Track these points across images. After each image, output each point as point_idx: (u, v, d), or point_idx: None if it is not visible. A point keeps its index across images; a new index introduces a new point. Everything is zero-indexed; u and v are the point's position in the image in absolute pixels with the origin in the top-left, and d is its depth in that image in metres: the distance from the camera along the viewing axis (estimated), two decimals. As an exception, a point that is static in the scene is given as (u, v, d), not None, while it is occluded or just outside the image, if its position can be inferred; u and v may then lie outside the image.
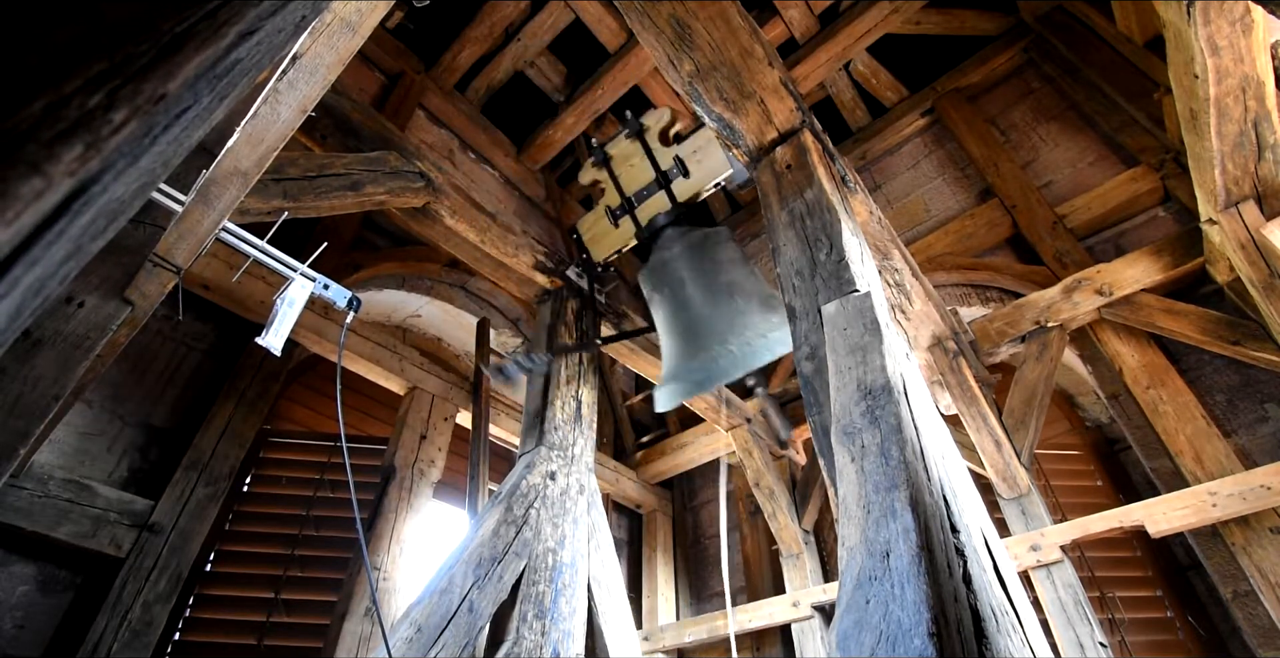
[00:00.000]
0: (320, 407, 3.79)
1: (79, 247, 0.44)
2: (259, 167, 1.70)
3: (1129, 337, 3.12)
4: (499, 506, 2.27)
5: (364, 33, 1.66)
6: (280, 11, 0.55)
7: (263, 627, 2.63)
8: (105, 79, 0.41)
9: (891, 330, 1.49)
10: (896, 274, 2.81)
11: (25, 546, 2.14)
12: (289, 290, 1.91)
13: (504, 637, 2.05)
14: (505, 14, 4.37)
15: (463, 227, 2.85)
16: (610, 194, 3.19)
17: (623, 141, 3.11)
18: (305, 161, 2.25)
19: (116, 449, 2.47)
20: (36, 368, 1.41)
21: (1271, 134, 2.37)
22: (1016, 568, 2.67)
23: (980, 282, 3.83)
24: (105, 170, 0.42)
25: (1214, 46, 2.13)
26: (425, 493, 3.31)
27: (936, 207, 4.41)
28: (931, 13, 4.59)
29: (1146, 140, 3.53)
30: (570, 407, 2.78)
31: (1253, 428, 2.76)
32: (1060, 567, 2.66)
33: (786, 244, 1.89)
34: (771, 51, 2.06)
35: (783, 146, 2.14)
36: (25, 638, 2.06)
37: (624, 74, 4.52)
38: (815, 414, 1.50)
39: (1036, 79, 4.38)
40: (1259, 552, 2.36)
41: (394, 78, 4.25)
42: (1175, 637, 2.84)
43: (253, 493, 2.96)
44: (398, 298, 4.09)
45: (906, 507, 1.02)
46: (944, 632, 0.84)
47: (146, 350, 2.68)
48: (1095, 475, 3.51)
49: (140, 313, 1.72)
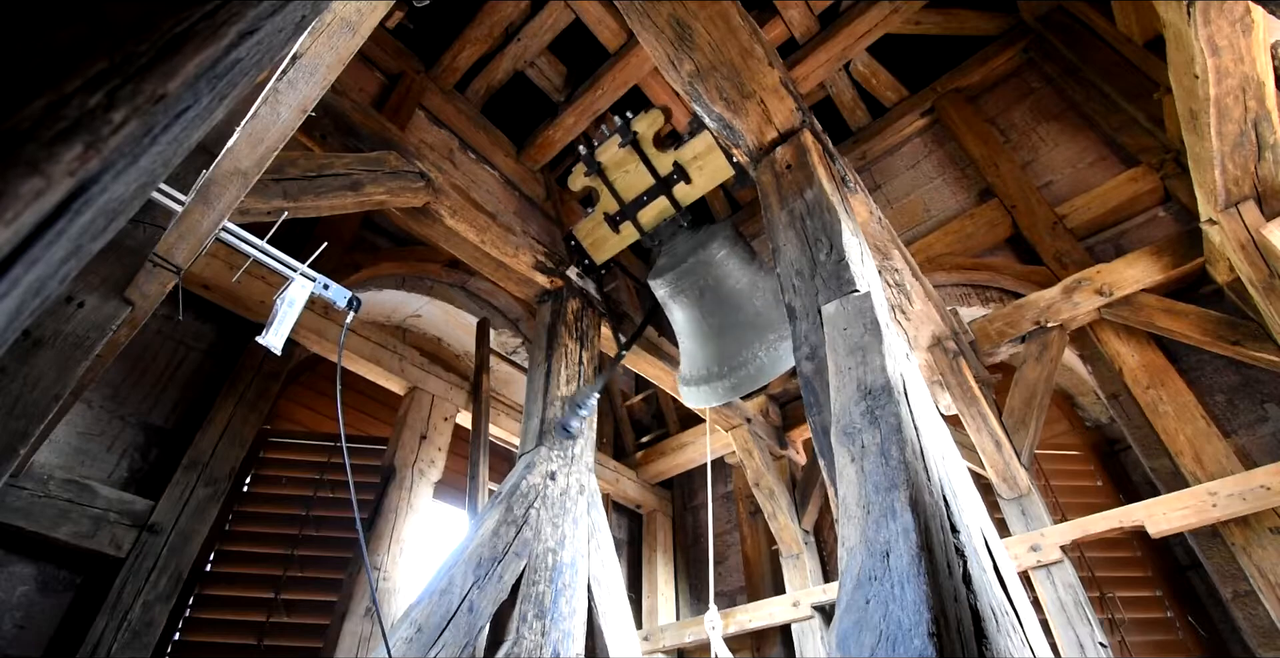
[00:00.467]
0: (320, 407, 3.79)
1: (79, 246, 0.44)
2: (259, 167, 1.70)
3: (1129, 337, 3.12)
4: (499, 506, 2.27)
5: (364, 33, 1.66)
6: (280, 11, 0.55)
7: (263, 627, 2.63)
8: (105, 79, 0.41)
9: (891, 330, 1.49)
10: (896, 274, 2.81)
11: (25, 546, 2.14)
12: (289, 290, 1.91)
13: (504, 637, 2.05)
14: (505, 14, 4.37)
15: (463, 227, 2.85)
16: (607, 200, 3.16)
17: (615, 149, 3.04)
18: (305, 162, 2.25)
19: (116, 449, 2.47)
20: (36, 368, 1.41)
21: (1271, 134, 2.37)
22: (1016, 568, 2.68)
23: (980, 282, 3.83)
24: (105, 170, 0.42)
25: (1214, 46, 2.13)
26: (425, 493, 3.31)
27: (936, 207, 4.41)
28: (931, 13, 4.59)
29: (1146, 140, 3.53)
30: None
31: (1253, 428, 2.76)
32: (1060, 567, 2.66)
33: (786, 244, 1.89)
34: (771, 51, 2.06)
35: (783, 147, 2.14)
36: (25, 638, 2.06)
37: (624, 74, 4.52)
38: (815, 414, 1.50)
39: (1036, 79, 4.38)
40: (1259, 552, 2.36)
41: (394, 78, 4.25)
42: (1175, 637, 2.84)
43: (253, 493, 2.96)
44: (398, 298, 4.09)
45: (906, 507, 1.02)
46: (944, 632, 0.84)
47: (146, 350, 2.68)
48: (1095, 475, 3.51)
49: (140, 313, 1.73)
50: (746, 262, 2.93)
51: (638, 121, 2.98)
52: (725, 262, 2.86)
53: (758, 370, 2.72)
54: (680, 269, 2.88)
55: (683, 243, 3.03)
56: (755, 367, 2.72)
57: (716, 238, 2.88)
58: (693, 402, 2.98)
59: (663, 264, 3.02)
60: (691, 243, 2.97)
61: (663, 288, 2.97)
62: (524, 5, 4.38)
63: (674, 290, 2.93)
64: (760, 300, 2.85)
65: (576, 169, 3.18)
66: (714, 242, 2.86)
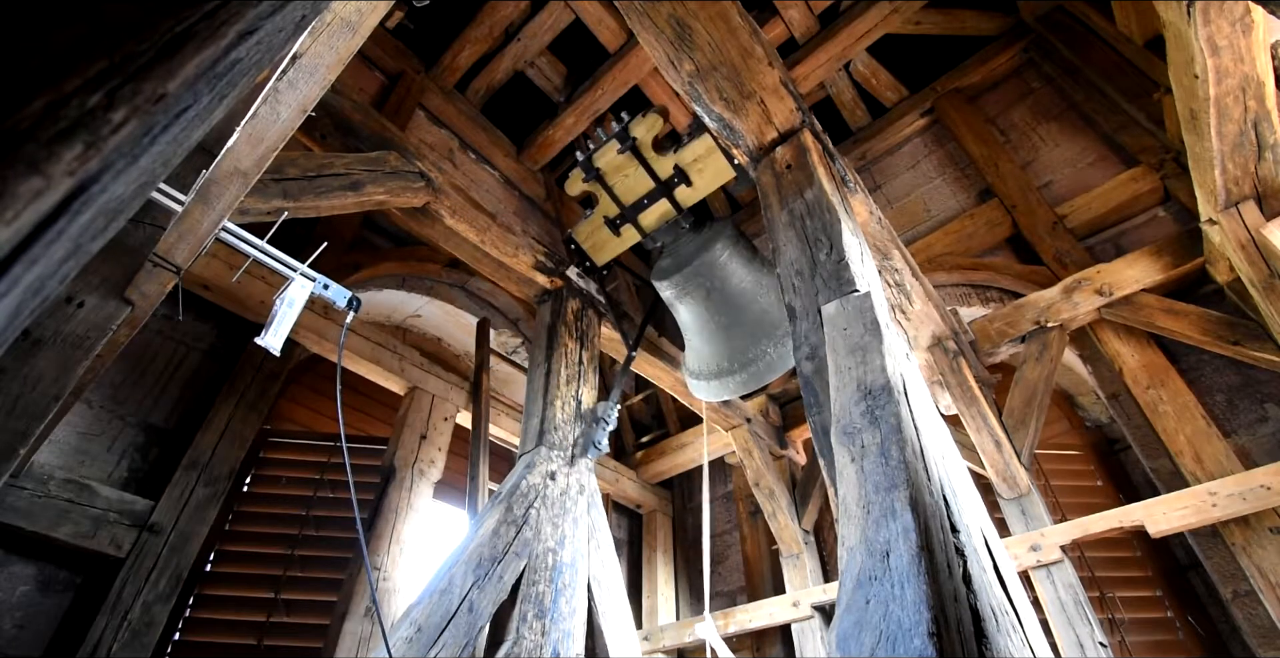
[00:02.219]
0: (320, 407, 3.79)
1: (79, 246, 0.44)
2: (259, 167, 1.70)
3: (1129, 337, 3.12)
4: (499, 506, 2.27)
5: (364, 33, 1.66)
6: (280, 11, 0.55)
7: (263, 627, 2.63)
8: (105, 78, 0.41)
9: (891, 330, 1.49)
10: (896, 274, 2.81)
11: (25, 546, 2.14)
12: (289, 290, 1.91)
13: (504, 637, 2.05)
14: (505, 14, 4.37)
15: (463, 227, 2.85)
16: (606, 203, 3.16)
17: (613, 154, 3.01)
18: (305, 161, 2.25)
19: (116, 449, 2.47)
20: (36, 368, 1.41)
21: (1271, 134, 2.37)
22: (1016, 568, 2.68)
23: (980, 282, 3.83)
24: (105, 170, 0.42)
25: (1214, 46, 2.12)
26: (425, 493, 3.31)
27: (936, 207, 4.41)
28: (931, 13, 4.59)
29: (1146, 140, 3.53)
30: (570, 407, 2.78)
31: (1253, 428, 2.75)
32: (1060, 567, 2.66)
33: (786, 244, 1.89)
34: (771, 51, 2.06)
35: (783, 147, 2.14)
36: (25, 638, 2.06)
37: (624, 74, 4.52)
38: (815, 414, 1.50)
39: (1036, 79, 4.38)
40: (1259, 552, 2.36)
41: (394, 78, 4.24)
42: (1175, 637, 2.84)
43: (253, 493, 2.96)
44: (398, 298, 4.09)
45: (906, 507, 1.02)
46: (944, 632, 0.84)
47: (146, 350, 2.68)
48: (1095, 475, 3.51)
49: (140, 313, 1.73)
50: (750, 260, 2.96)
51: (636, 126, 2.94)
52: (729, 262, 2.89)
53: (768, 366, 2.80)
54: (686, 271, 2.90)
55: (686, 244, 3.04)
56: (766, 363, 2.79)
57: (719, 239, 2.90)
58: (705, 395, 3.05)
59: (667, 265, 3.03)
60: (695, 245, 2.98)
61: (668, 289, 2.99)
62: (524, 5, 4.38)
63: (680, 292, 2.96)
64: (765, 299, 2.89)
65: (574, 174, 3.14)
66: (717, 243, 2.88)
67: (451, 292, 4.24)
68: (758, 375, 2.83)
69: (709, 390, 3.00)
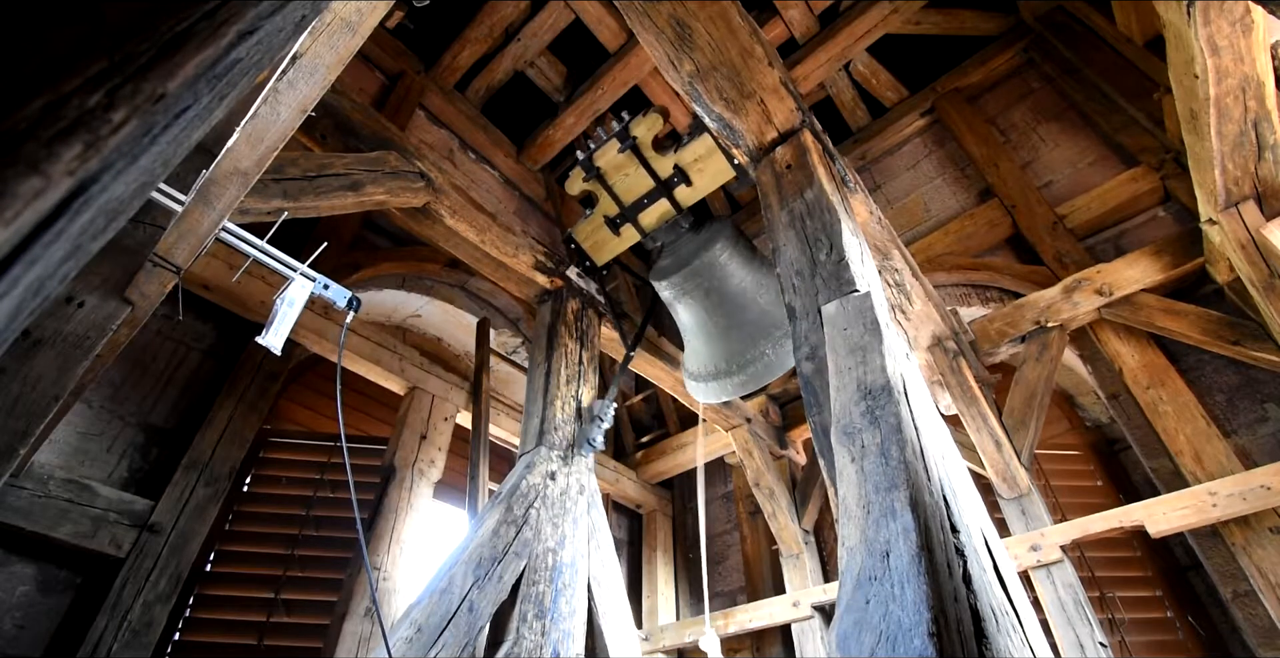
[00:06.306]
0: (320, 407, 3.79)
1: (79, 246, 0.44)
2: (259, 167, 1.70)
3: (1129, 337, 3.12)
4: (499, 506, 2.27)
5: (364, 33, 1.66)
6: (280, 11, 0.55)
7: (263, 627, 2.63)
8: (105, 78, 0.41)
9: (891, 330, 1.49)
10: (896, 274, 2.81)
11: (25, 546, 2.14)
12: (289, 290, 1.91)
13: (504, 637, 2.05)
14: (505, 14, 4.37)
15: (463, 227, 2.85)
16: (606, 202, 3.16)
17: (613, 153, 3.02)
18: (305, 161, 2.25)
19: (116, 449, 2.47)
20: (36, 368, 1.41)
21: (1271, 134, 2.37)
22: (1016, 568, 2.68)
23: (980, 282, 3.83)
24: (105, 170, 0.42)
25: (1214, 46, 2.12)
26: (425, 493, 3.31)
27: (936, 207, 4.41)
28: (931, 13, 4.59)
29: (1146, 140, 3.53)
30: (570, 407, 2.78)
31: (1253, 428, 2.75)
32: (1060, 567, 2.66)
33: (786, 244, 1.89)
34: (771, 51, 2.06)
35: (783, 147, 2.14)
36: (25, 638, 2.06)
37: (624, 74, 4.52)
38: (815, 414, 1.50)
39: (1036, 79, 4.38)
40: (1259, 552, 2.36)
41: (394, 78, 4.24)
42: (1175, 637, 2.84)
43: (253, 493, 2.96)
44: (398, 298, 4.09)
45: (906, 507, 1.02)
46: (944, 632, 0.84)
47: (146, 350, 2.68)
48: (1095, 475, 3.51)
49: (140, 313, 1.72)
50: (749, 260, 2.96)
51: (636, 125, 2.94)
52: (729, 262, 2.89)
53: (766, 367, 2.79)
54: (685, 271, 2.89)
55: (685, 244, 3.04)
56: (764, 364, 2.79)
57: (719, 239, 2.90)
58: (703, 397, 3.04)
59: (666, 265, 3.03)
60: (694, 244, 2.98)
61: (668, 289, 2.99)
62: (524, 5, 4.38)
63: (679, 292, 2.95)
64: (764, 299, 2.89)
65: (574, 173, 3.15)
66: (717, 243, 2.88)
67: (451, 292, 4.24)
68: (757, 377, 2.82)
69: (707, 392, 2.99)
